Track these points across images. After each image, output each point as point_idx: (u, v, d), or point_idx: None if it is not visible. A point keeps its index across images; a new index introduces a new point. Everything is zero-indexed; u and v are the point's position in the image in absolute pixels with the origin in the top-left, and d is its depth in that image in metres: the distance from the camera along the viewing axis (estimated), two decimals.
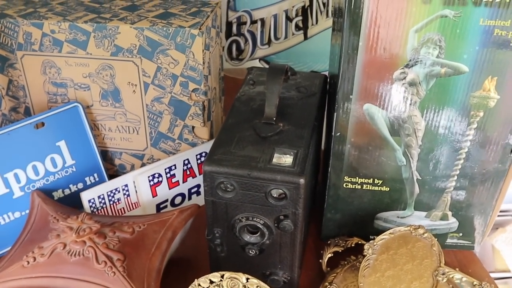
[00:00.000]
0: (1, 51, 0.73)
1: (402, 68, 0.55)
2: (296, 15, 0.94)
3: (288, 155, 0.54)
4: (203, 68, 0.69)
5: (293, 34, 0.94)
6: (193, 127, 0.75)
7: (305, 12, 0.94)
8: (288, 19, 0.94)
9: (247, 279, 0.53)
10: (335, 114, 0.59)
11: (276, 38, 0.95)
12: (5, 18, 0.71)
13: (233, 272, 0.53)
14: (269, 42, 0.97)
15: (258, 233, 0.58)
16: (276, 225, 0.56)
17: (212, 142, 0.58)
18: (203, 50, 0.68)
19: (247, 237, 0.58)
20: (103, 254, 0.59)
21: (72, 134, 0.73)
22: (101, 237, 0.60)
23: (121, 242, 0.61)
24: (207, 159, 0.54)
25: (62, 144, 0.72)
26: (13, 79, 0.75)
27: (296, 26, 0.94)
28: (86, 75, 0.73)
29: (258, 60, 1.00)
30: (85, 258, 0.59)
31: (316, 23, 0.94)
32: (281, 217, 0.55)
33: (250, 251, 0.59)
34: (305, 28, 0.94)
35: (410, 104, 0.57)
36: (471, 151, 0.61)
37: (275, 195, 0.54)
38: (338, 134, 0.60)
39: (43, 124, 0.71)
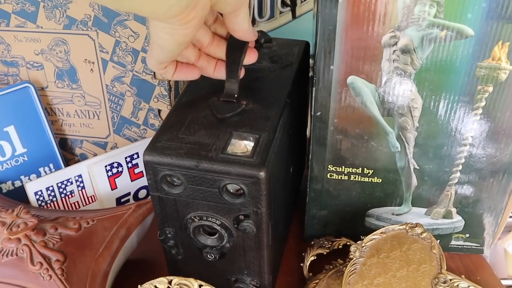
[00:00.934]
0: None
1: (393, 31, 0.45)
2: None
3: (247, 141, 0.45)
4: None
5: (280, 12, 0.85)
6: (159, 111, 0.65)
7: None
8: None
9: (200, 285, 0.43)
10: (314, 89, 0.49)
11: (261, 17, 0.86)
12: None
13: (184, 278, 0.44)
14: (253, 21, 0.88)
15: (216, 235, 0.49)
16: (235, 226, 0.48)
17: None
18: None
19: (204, 239, 0.50)
20: (40, 254, 0.50)
21: (23, 118, 0.64)
22: (39, 234, 0.51)
23: (63, 240, 0.52)
24: (148, 147, 0.45)
25: (11, 129, 0.64)
26: None
27: (283, 2, 0.84)
28: (38, 52, 0.64)
29: None
30: (18, 258, 0.50)
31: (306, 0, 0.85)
32: (241, 217, 0.47)
33: (208, 255, 0.50)
34: (293, 5, 0.84)
35: (404, 76, 0.47)
36: (478, 136, 0.51)
37: (231, 191, 0.46)
38: (319, 113, 0.51)
39: None
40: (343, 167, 0.54)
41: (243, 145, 0.45)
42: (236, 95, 0.48)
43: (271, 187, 0.46)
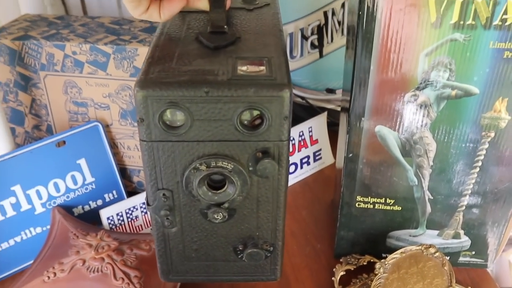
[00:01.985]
0: (25, 71, 0.75)
1: (413, 91, 0.56)
2: (312, 34, 0.96)
3: (256, 66, 0.39)
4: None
5: (308, 52, 0.96)
6: None
7: (320, 30, 0.95)
8: (304, 37, 0.96)
9: None
10: (348, 135, 0.60)
11: (292, 57, 0.97)
12: (29, 39, 0.73)
13: None
14: None
15: (226, 187, 0.42)
16: (251, 168, 0.41)
17: None
18: None
19: (210, 197, 0.43)
20: (121, 271, 0.60)
21: (92, 152, 0.75)
22: (119, 254, 0.61)
23: (138, 259, 0.62)
24: (139, 80, 0.38)
25: (82, 162, 0.74)
26: (36, 98, 0.77)
27: (312, 44, 0.95)
28: (106, 95, 0.75)
29: None
30: (103, 274, 0.60)
31: (332, 41, 0.96)
32: (259, 154, 0.40)
33: (215, 216, 0.43)
34: (320, 46, 0.95)
35: (422, 126, 0.58)
36: (482, 171, 0.61)
37: (247, 120, 0.39)
38: (351, 155, 0.61)
39: (64, 142, 0.73)
40: (369, 197, 0.65)
41: (254, 67, 0.39)
42: (225, 26, 0.44)
43: (290, 112, 0.39)
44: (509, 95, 0.56)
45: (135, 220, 0.72)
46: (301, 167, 0.88)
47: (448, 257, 0.64)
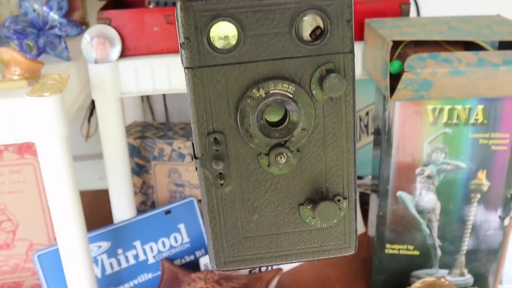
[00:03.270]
0: (140, 160, 1.05)
1: (421, 167, 0.84)
2: None
3: None
4: None
5: None
6: None
7: None
8: None
9: None
10: (378, 200, 0.87)
11: None
12: (146, 138, 1.04)
13: None
14: None
15: (288, 119, 0.38)
16: (314, 92, 0.38)
17: None
18: None
19: (271, 132, 0.38)
20: None
21: (189, 219, 1.02)
22: (219, 285, 0.87)
23: None
24: None
25: (182, 226, 1.02)
26: (146, 181, 1.06)
27: None
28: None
29: None
30: None
31: (359, 139, 1.25)
32: (322, 71, 0.37)
33: (278, 159, 0.39)
34: None
35: (429, 190, 0.85)
36: (475, 223, 0.87)
37: (307, 29, 0.36)
38: (381, 213, 0.88)
39: (170, 211, 1.00)
40: (395, 245, 0.90)
41: None
42: None
43: (352, 16, 0.36)
44: (487, 167, 0.83)
45: None
46: None
47: (455, 286, 0.88)
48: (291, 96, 0.38)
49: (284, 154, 0.40)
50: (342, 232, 0.44)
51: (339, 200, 0.42)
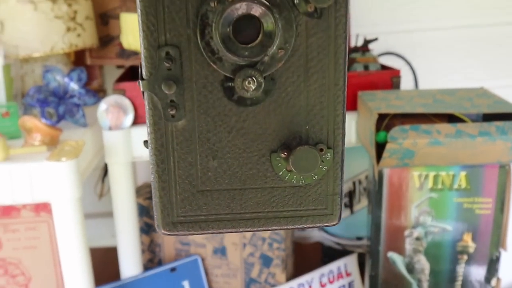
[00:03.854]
0: (149, 220, 1.11)
1: (410, 229, 0.89)
2: (344, 197, 1.32)
3: None
4: (284, 233, 1.05)
5: (343, 210, 1.30)
6: (274, 273, 1.08)
7: (350, 195, 1.30)
8: None
9: None
10: (370, 260, 0.92)
11: None
12: None
13: None
14: None
15: (261, 35, 0.31)
16: (297, 1, 0.31)
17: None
18: None
19: (238, 49, 0.31)
20: None
21: (193, 276, 1.07)
22: None
23: None
24: None
25: (186, 283, 1.07)
26: (154, 239, 1.12)
27: (345, 205, 1.30)
28: (204, 238, 1.09)
29: (317, 229, 1.35)
30: None
31: (359, 201, 1.30)
32: None
33: (245, 85, 0.31)
34: (351, 206, 1.30)
35: (418, 252, 0.90)
36: (464, 283, 0.91)
37: None
38: (373, 273, 0.93)
39: (175, 269, 1.06)
40: None
41: None
42: None
43: None
44: (472, 230, 0.88)
45: None
46: None
47: None
48: (266, 2, 0.30)
49: (254, 78, 0.31)
50: (324, 194, 0.35)
51: (321, 150, 0.34)
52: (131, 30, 0.93)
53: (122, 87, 0.95)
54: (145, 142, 0.35)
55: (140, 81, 0.33)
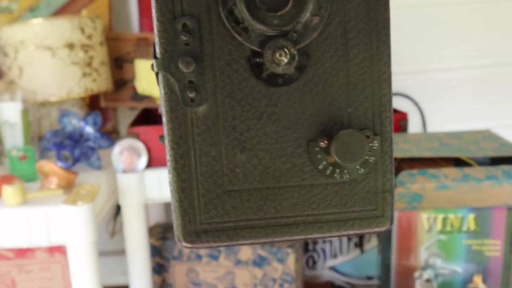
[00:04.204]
0: (161, 260, 1.12)
1: (420, 271, 0.90)
2: (354, 238, 1.32)
3: None
4: (294, 273, 1.06)
5: (352, 249, 1.31)
6: None
7: (360, 236, 1.31)
8: (349, 239, 1.32)
9: None
10: None
11: (341, 252, 1.32)
12: (167, 240, 1.12)
13: None
14: (335, 255, 1.34)
15: (291, 0, 0.27)
16: None
17: None
18: (294, 263, 1.05)
19: (265, 18, 0.27)
20: None
21: None
22: None
23: None
24: None
25: None
26: (165, 279, 1.13)
27: (355, 244, 1.31)
28: (215, 278, 1.10)
29: (328, 268, 1.36)
30: None
31: (369, 241, 1.31)
32: None
33: (276, 58, 0.27)
34: (361, 245, 1.31)
35: None
36: None
37: None
38: None
39: None
40: None
41: None
42: None
43: None
44: (483, 272, 0.89)
45: None
46: None
47: None
48: None
49: (286, 49, 0.27)
50: (373, 191, 0.30)
51: (367, 137, 0.29)
52: (145, 76, 0.96)
53: (136, 131, 0.97)
54: (161, 137, 0.29)
55: (154, 61, 0.28)
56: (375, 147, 0.29)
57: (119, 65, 1.17)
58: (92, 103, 1.18)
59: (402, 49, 1.35)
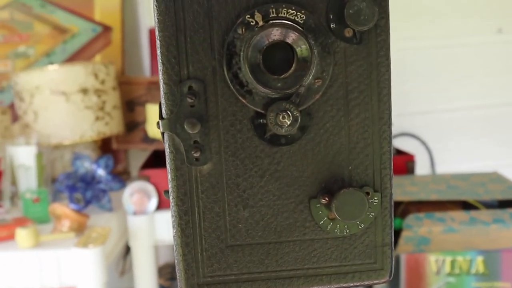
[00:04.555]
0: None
1: None
2: None
3: None
4: None
5: None
6: None
7: None
8: None
9: None
10: None
11: None
12: (176, 280, 1.12)
13: None
14: None
15: (295, 64, 0.28)
16: (333, 25, 0.29)
17: None
18: None
19: (269, 81, 0.28)
20: None
21: None
22: None
23: None
24: None
25: None
26: None
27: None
28: None
29: None
30: None
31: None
32: None
33: (279, 121, 0.28)
34: (370, 286, 1.30)
35: None
36: None
37: None
38: None
39: None
40: None
41: None
42: None
43: None
44: None
45: None
46: None
47: None
48: (300, 27, 0.28)
49: (289, 112, 0.28)
50: (372, 245, 0.31)
51: (368, 193, 0.30)
52: (156, 120, 0.99)
53: (146, 173, 0.99)
54: (166, 192, 0.30)
55: (160, 121, 0.29)
56: (375, 203, 0.30)
57: (130, 108, 1.20)
58: (104, 145, 1.21)
59: (409, 90, 1.37)
